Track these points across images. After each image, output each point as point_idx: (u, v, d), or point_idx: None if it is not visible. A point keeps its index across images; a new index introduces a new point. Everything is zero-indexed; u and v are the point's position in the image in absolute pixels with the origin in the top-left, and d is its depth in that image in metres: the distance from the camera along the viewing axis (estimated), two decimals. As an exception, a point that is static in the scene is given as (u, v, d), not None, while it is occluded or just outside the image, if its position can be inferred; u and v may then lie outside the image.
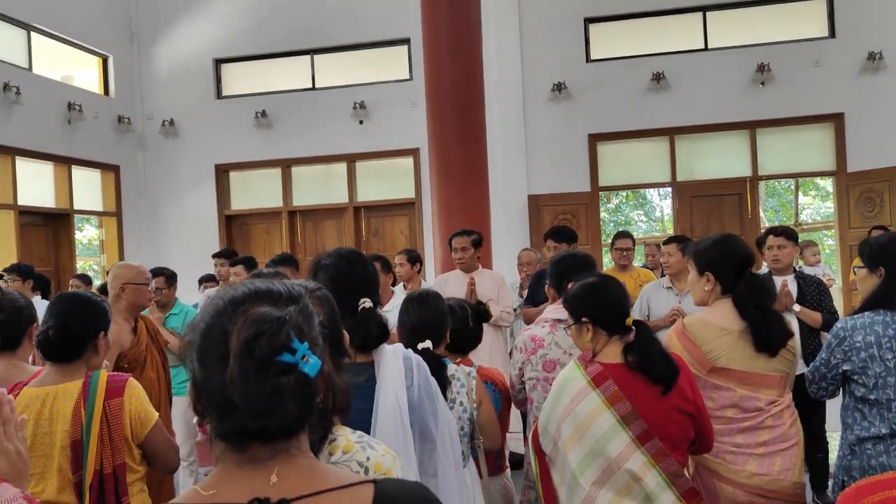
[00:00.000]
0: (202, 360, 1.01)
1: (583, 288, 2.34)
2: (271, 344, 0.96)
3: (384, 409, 1.93)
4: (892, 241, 2.60)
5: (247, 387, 0.95)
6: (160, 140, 10.02)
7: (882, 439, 2.44)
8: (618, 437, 2.16)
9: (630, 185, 10.36)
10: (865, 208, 8.25)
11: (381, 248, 9.48)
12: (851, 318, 2.56)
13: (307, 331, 1.02)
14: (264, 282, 1.09)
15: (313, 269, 2.21)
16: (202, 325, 1.03)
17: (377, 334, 2.03)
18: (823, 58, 8.47)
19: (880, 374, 2.45)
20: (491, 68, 8.21)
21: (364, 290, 2.12)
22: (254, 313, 0.98)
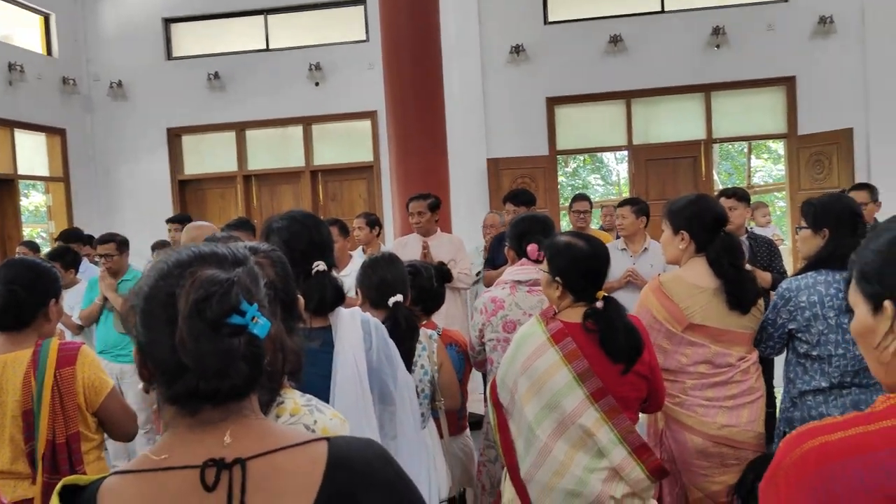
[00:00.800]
0: (147, 324, 1.00)
1: (568, 249, 2.33)
2: (221, 305, 0.95)
3: (343, 374, 1.93)
4: (834, 203, 2.68)
5: (198, 348, 0.94)
6: (108, 102, 9.70)
7: (822, 391, 2.56)
8: (573, 393, 2.21)
9: (587, 149, 10.42)
10: (815, 170, 8.44)
11: (340, 213, 9.40)
12: (796, 279, 2.65)
13: (255, 293, 1.02)
14: (208, 245, 1.08)
15: (265, 232, 2.18)
16: (146, 288, 1.01)
17: (332, 297, 2.01)
18: (776, 21, 8.56)
19: (822, 331, 2.55)
20: (449, 30, 8.12)
21: (318, 253, 2.09)
22: (202, 275, 0.97)
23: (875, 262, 1.06)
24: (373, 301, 2.52)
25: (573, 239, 2.36)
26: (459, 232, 7.65)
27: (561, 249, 2.34)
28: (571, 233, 2.44)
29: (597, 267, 2.31)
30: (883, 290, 1.04)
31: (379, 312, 2.47)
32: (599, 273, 2.31)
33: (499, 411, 2.43)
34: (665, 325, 2.63)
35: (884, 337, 1.03)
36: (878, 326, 1.04)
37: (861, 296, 1.08)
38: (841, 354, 2.54)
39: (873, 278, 1.06)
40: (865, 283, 1.07)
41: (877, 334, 1.05)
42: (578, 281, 2.29)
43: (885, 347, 1.03)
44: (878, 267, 1.05)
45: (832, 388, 2.55)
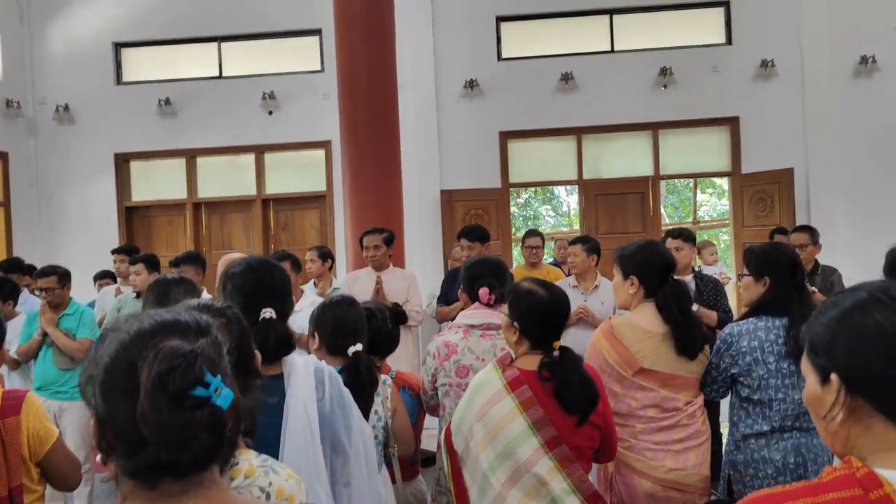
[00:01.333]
0: (107, 395, 0.98)
1: (529, 296, 2.33)
2: (185, 378, 0.95)
3: (293, 423, 1.91)
4: (773, 251, 2.78)
5: (160, 421, 0.93)
6: (54, 126, 9.46)
7: (764, 435, 2.64)
8: (528, 441, 2.21)
9: (539, 183, 10.57)
10: (758, 208, 8.71)
11: (291, 242, 9.32)
12: (737, 325, 2.74)
13: (219, 362, 1.02)
14: (171, 312, 1.07)
15: (222, 280, 2.16)
16: (106, 358, 1.00)
17: (275, 345, 1.98)
18: (721, 63, 8.87)
19: (763, 376, 2.64)
20: (404, 63, 8.18)
21: (271, 300, 2.08)
22: (165, 347, 0.96)
23: (823, 336, 1.10)
24: (330, 347, 2.50)
25: (535, 286, 2.37)
26: (412, 262, 7.66)
27: (522, 296, 2.35)
28: (534, 279, 2.45)
29: (556, 316, 2.32)
30: (829, 364, 1.07)
31: (336, 359, 2.45)
32: (558, 322, 2.32)
33: (453, 458, 2.42)
34: (616, 369, 2.68)
35: (830, 408, 1.07)
36: (826, 397, 1.08)
37: (811, 366, 1.12)
38: (781, 399, 2.62)
39: (821, 351, 1.09)
40: (815, 356, 1.11)
41: (824, 405, 1.08)
42: (537, 329, 2.30)
43: (832, 418, 1.07)
44: (826, 341, 1.09)
45: (773, 432, 2.63)
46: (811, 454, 2.59)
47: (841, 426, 1.07)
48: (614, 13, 9.14)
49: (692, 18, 9.12)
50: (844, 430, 1.07)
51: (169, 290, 2.65)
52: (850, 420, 1.06)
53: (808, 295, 2.74)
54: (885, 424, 1.04)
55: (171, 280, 2.73)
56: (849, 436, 1.07)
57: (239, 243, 9.50)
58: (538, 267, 5.75)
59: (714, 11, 9.07)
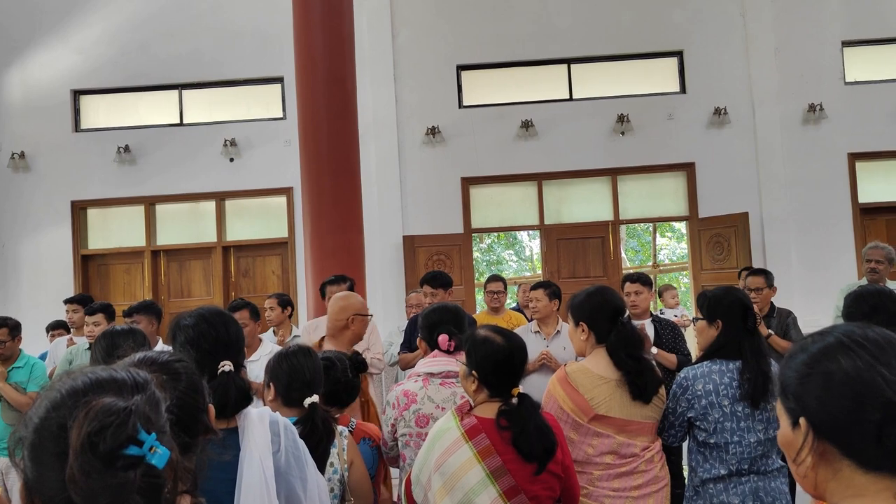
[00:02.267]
0: (36, 458, 0.94)
1: (486, 344, 2.33)
2: (116, 437, 0.91)
3: (248, 479, 1.86)
4: (725, 296, 2.83)
5: (89, 485, 0.89)
6: (8, 174, 9.29)
7: (722, 479, 2.66)
8: (485, 491, 2.19)
9: (501, 228, 10.64)
10: (715, 251, 8.88)
11: (252, 289, 9.21)
12: (693, 368, 2.77)
13: (154, 420, 0.98)
14: (106, 369, 1.04)
15: (173, 330, 2.11)
16: (35, 419, 0.96)
17: (236, 399, 1.95)
18: (676, 111, 9.12)
19: (718, 419, 2.66)
20: (366, 110, 8.26)
21: (224, 353, 2.04)
22: (96, 405, 0.93)
23: (792, 380, 1.11)
24: (285, 399, 2.45)
25: (492, 334, 2.36)
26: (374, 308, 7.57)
27: (479, 343, 2.34)
28: (491, 327, 2.45)
29: (513, 363, 2.31)
30: (798, 408, 1.09)
31: (291, 410, 2.40)
32: (516, 369, 2.31)
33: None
34: (572, 416, 2.67)
35: (799, 451, 1.08)
36: (796, 440, 1.09)
37: (783, 409, 1.14)
38: (737, 442, 2.64)
39: (791, 396, 1.11)
40: (785, 399, 1.13)
41: (794, 448, 1.09)
42: (494, 376, 2.29)
43: (802, 461, 1.07)
44: (795, 386, 1.11)
45: (731, 476, 2.64)
46: (769, 497, 2.60)
47: (811, 470, 1.08)
48: (572, 62, 9.37)
49: (648, 67, 9.39)
50: (814, 474, 1.09)
51: (117, 343, 2.58)
52: (819, 464, 1.07)
53: (759, 338, 2.78)
54: (851, 469, 1.05)
55: (119, 332, 2.66)
56: (818, 479, 1.08)
57: (198, 290, 9.36)
58: (501, 312, 5.76)
59: (668, 61, 9.35)
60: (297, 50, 6.77)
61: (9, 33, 9.42)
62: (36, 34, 9.43)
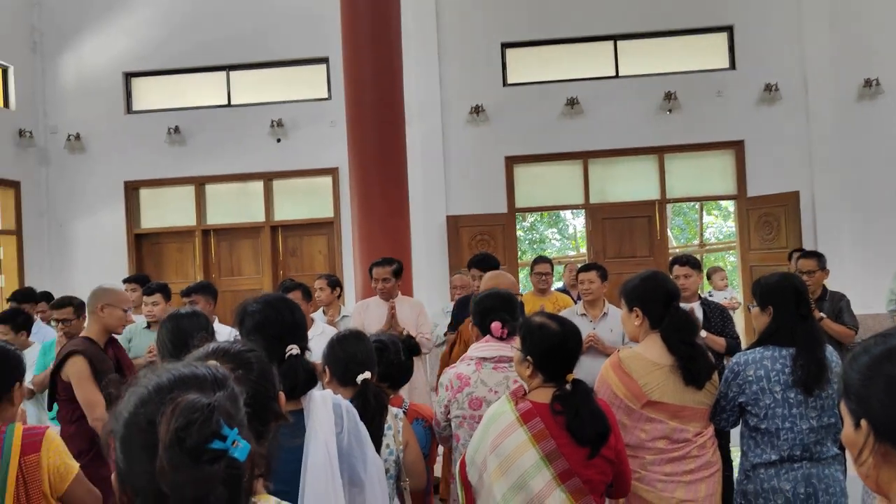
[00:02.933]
0: (126, 451, 1.00)
1: (541, 331, 2.36)
2: (202, 433, 0.96)
3: (314, 458, 1.93)
4: (777, 282, 2.81)
5: (178, 477, 0.95)
6: (65, 155, 9.59)
7: (773, 464, 2.66)
8: (540, 473, 2.23)
9: (545, 207, 10.63)
10: (764, 231, 8.73)
11: (299, 269, 9.38)
12: (745, 354, 2.77)
13: (235, 414, 1.04)
14: (187, 366, 1.10)
15: (240, 316, 2.19)
16: (125, 414, 1.02)
17: (304, 382, 2.03)
18: (725, 88, 8.94)
19: (769, 405, 2.66)
20: (410, 90, 8.27)
21: (291, 337, 2.12)
22: (182, 402, 0.98)
23: (855, 382, 1.13)
24: (340, 378, 2.53)
25: (547, 320, 2.40)
26: (419, 287, 7.69)
27: (534, 330, 2.38)
28: (546, 314, 2.49)
29: (568, 350, 2.34)
30: (860, 409, 1.11)
31: (346, 390, 2.48)
32: (571, 356, 2.34)
33: (467, 491, 2.44)
34: (625, 402, 2.69)
35: (860, 452, 1.10)
36: (858, 440, 1.11)
37: (847, 410, 1.15)
38: (788, 428, 2.63)
39: (853, 397, 1.13)
40: (848, 400, 1.15)
41: (856, 448, 1.11)
42: (550, 363, 2.33)
43: (864, 461, 1.09)
44: (857, 388, 1.12)
45: (783, 462, 2.64)
46: (822, 484, 2.60)
47: (872, 469, 1.10)
48: (618, 39, 9.24)
49: (696, 43, 9.21)
50: (876, 473, 1.10)
51: (182, 325, 2.68)
52: (882, 465, 1.09)
53: (813, 325, 2.76)
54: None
55: (183, 314, 2.76)
56: (880, 479, 1.10)
57: (248, 269, 9.57)
58: (547, 294, 5.77)
59: (718, 36, 9.16)
60: (344, 30, 6.81)
61: (63, 18, 9.64)
62: (88, 18, 9.64)
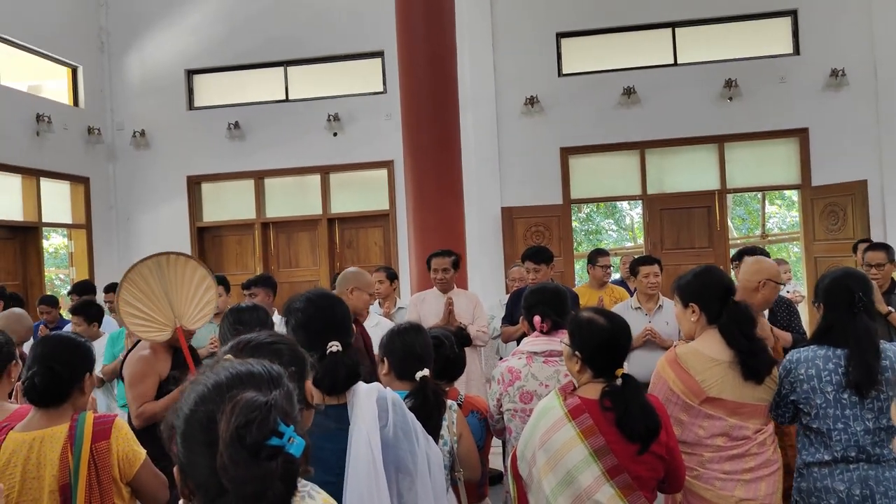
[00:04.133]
0: (187, 446, 1.04)
1: (590, 326, 2.35)
2: (261, 430, 1.00)
3: (356, 451, 1.98)
4: (831, 280, 2.74)
5: (239, 473, 0.98)
6: (131, 151, 9.93)
7: (827, 464, 2.59)
8: (589, 469, 2.23)
9: (601, 198, 10.51)
10: (829, 221, 8.47)
11: (356, 260, 9.50)
12: (798, 351, 2.70)
13: (290, 412, 1.07)
14: (243, 364, 1.13)
15: (286, 314, 2.26)
16: (186, 410, 1.06)
17: (345, 378, 2.08)
18: (788, 74, 8.68)
19: (821, 405, 2.59)
20: (465, 81, 8.28)
21: (333, 334, 2.16)
22: (241, 400, 1.02)
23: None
24: (398, 371, 2.57)
25: (595, 315, 2.38)
26: (474, 279, 7.71)
27: (583, 325, 2.37)
28: (594, 309, 2.47)
29: (617, 345, 2.33)
30: None
31: (403, 383, 2.52)
32: (619, 351, 2.33)
33: (519, 484, 2.45)
34: (682, 398, 2.65)
35: None
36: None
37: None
38: (841, 429, 2.55)
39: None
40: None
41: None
42: (599, 358, 2.32)
43: None
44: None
45: (837, 462, 2.56)
46: (881, 487, 2.51)
47: None
48: (677, 26, 9.05)
49: (758, 29, 8.96)
50: None
51: (243, 319, 2.77)
52: None
53: (866, 325, 2.60)
54: None
55: (245, 308, 2.85)
56: None
57: (305, 261, 9.75)
58: (605, 287, 5.73)
59: (781, 21, 8.89)
60: (399, 23, 6.85)
61: (128, 19, 9.97)
62: (152, 18, 9.93)
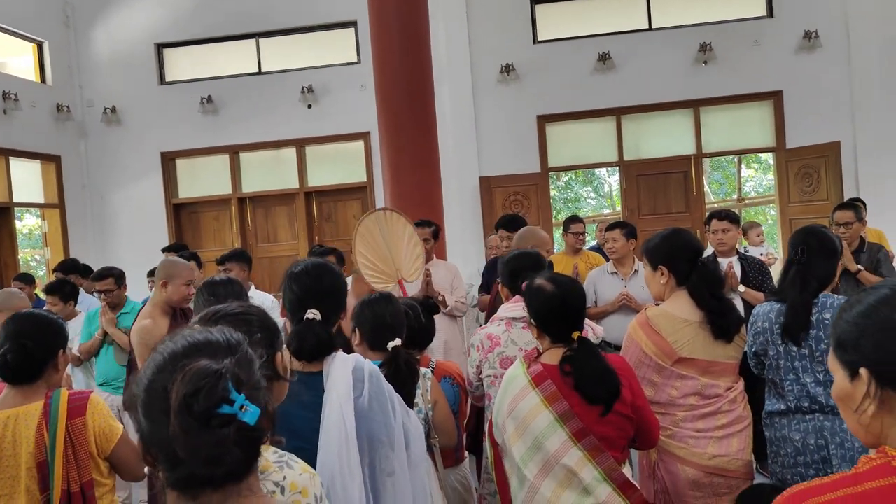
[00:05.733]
0: (147, 415, 1.05)
1: (538, 293, 2.38)
2: (210, 398, 1.00)
3: (328, 420, 1.99)
4: (799, 234, 2.77)
5: (189, 440, 0.99)
6: (102, 128, 9.76)
7: (783, 414, 2.69)
8: (555, 434, 2.26)
9: (579, 166, 10.52)
10: (804, 183, 8.54)
11: (335, 234, 9.48)
12: (760, 305, 2.81)
13: (246, 379, 1.07)
14: (203, 332, 1.13)
15: (284, 278, 2.24)
16: (145, 380, 1.07)
17: (311, 346, 2.06)
18: (762, 37, 8.68)
19: (773, 357, 2.70)
20: (439, 51, 8.21)
21: (317, 302, 2.14)
22: (191, 369, 1.02)
23: (849, 331, 1.13)
24: (369, 342, 2.58)
25: (543, 282, 2.40)
26: (453, 249, 7.72)
27: (532, 293, 2.40)
28: (545, 275, 2.47)
29: (567, 309, 2.33)
30: (858, 359, 1.11)
31: (376, 354, 2.53)
32: (572, 315, 2.33)
33: (495, 449, 2.49)
34: (655, 360, 2.69)
35: (861, 401, 1.10)
36: (856, 391, 1.12)
37: (839, 363, 1.16)
38: (792, 380, 2.65)
39: (849, 347, 1.13)
40: (842, 352, 1.15)
41: (854, 399, 1.12)
42: (551, 324, 2.35)
43: (864, 411, 1.10)
44: (853, 338, 1.13)
45: (792, 412, 2.66)
46: (836, 437, 2.58)
47: (873, 418, 1.10)
48: (651, -10, 9.01)
49: (732, -9, 8.94)
50: (876, 422, 1.11)
51: (217, 292, 2.76)
52: (881, 412, 1.10)
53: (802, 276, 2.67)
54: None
55: (218, 282, 2.84)
56: (882, 427, 1.11)
57: (284, 236, 9.70)
58: (580, 253, 5.76)
59: (754, -17, 8.87)
60: (370, -8, 6.76)
61: (93, -9, 9.73)
62: (118, -10, 9.71)
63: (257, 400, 1.05)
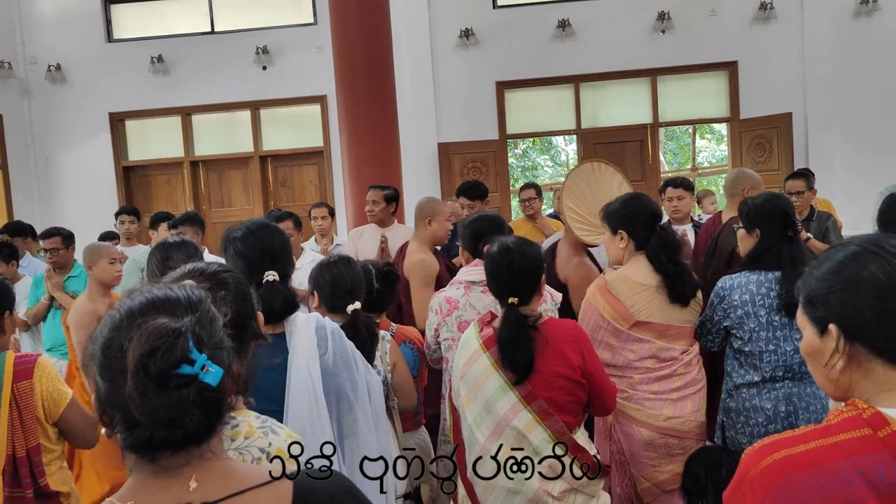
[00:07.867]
0: (103, 375, 1.00)
1: (488, 256, 2.41)
2: (166, 359, 0.95)
3: (296, 381, 1.97)
4: (766, 203, 2.78)
5: (146, 402, 0.94)
6: (47, 86, 9.38)
7: (755, 385, 2.71)
8: (505, 396, 2.28)
9: (537, 133, 10.52)
10: (756, 154, 8.70)
11: (290, 199, 9.34)
12: (730, 278, 2.77)
13: (207, 338, 1.01)
14: (162, 288, 1.07)
15: (224, 244, 2.20)
16: (101, 338, 1.02)
17: (280, 308, 2.04)
18: (719, 7, 8.74)
19: (754, 328, 2.68)
20: (398, 14, 8.06)
21: (270, 263, 2.12)
22: (148, 327, 0.97)
23: (819, 288, 1.15)
24: (328, 304, 2.54)
25: (494, 245, 2.42)
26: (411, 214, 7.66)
27: (487, 255, 2.42)
28: (500, 238, 2.48)
29: (505, 273, 2.34)
30: (827, 315, 1.13)
31: (336, 317, 2.50)
32: (511, 279, 2.33)
33: (454, 411, 2.50)
34: (612, 324, 2.72)
35: (830, 356, 1.12)
36: (825, 347, 1.14)
37: (808, 320, 1.18)
38: (772, 350, 2.67)
39: (818, 304, 1.15)
40: (811, 308, 1.17)
41: (824, 355, 1.14)
42: (495, 287, 2.38)
43: (833, 366, 1.12)
44: (822, 294, 1.14)
45: (765, 382, 2.69)
46: (803, 402, 2.65)
47: (841, 373, 1.13)
48: (611, -43, 8.97)
49: (690, -40, 8.95)
50: (845, 377, 1.13)
51: (171, 254, 2.68)
52: (850, 366, 1.12)
53: (799, 247, 2.74)
54: (884, 367, 1.10)
55: (172, 244, 2.76)
56: (850, 381, 1.13)
57: (239, 201, 9.52)
58: (536, 219, 5.78)
59: (712, -48, 8.89)
60: (327, -49, 6.59)
61: (35, -59, 9.28)
62: (62, -59, 9.28)
63: (220, 360, 1.00)
